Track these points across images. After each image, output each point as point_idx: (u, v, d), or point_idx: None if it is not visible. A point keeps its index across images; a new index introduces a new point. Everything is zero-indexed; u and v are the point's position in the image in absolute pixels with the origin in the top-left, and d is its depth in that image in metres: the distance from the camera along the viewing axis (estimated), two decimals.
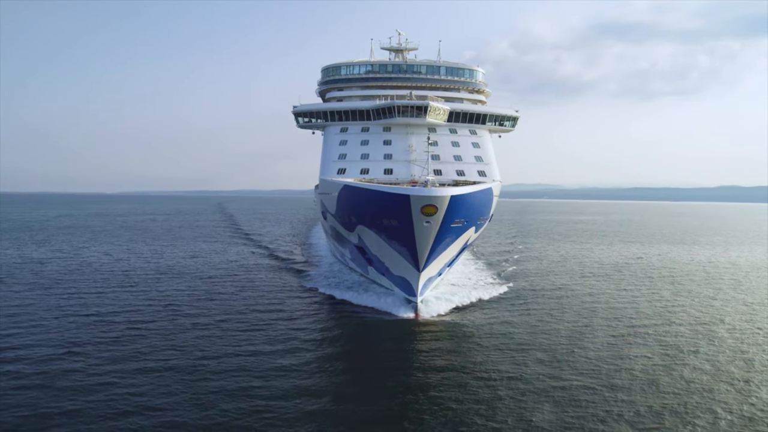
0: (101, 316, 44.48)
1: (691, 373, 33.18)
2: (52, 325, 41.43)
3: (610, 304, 52.83)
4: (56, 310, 46.06)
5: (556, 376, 32.20)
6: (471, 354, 37.05)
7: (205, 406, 27.29)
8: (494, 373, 32.77)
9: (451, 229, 45.90)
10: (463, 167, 59.87)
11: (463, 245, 54.04)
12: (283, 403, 27.77)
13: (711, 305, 52.99)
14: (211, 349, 36.31)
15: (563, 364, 34.51)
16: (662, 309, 51.01)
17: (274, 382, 30.61)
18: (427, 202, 42.02)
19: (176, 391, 29.07)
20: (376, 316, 46.38)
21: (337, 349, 38.45)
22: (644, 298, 56.16)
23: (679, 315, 48.63)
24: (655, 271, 75.62)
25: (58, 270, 66.52)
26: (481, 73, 71.77)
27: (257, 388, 29.66)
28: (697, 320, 46.79)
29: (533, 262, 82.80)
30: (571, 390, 30.08)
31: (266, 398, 28.40)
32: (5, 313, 44.85)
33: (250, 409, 27.05)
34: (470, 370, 33.34)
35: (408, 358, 35.85)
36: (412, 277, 48.44)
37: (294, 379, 31.16)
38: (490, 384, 30.97)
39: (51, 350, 35.24)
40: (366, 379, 32.57)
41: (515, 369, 33.43)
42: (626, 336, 41.43)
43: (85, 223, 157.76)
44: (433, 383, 31.17)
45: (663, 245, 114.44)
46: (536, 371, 33.04)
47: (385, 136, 62.30)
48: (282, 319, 44.82)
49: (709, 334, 42.51)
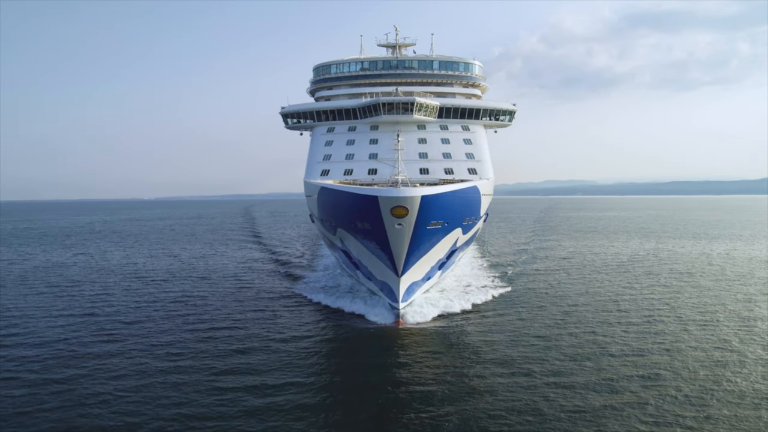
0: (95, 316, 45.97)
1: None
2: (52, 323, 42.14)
3: (607, 312, 49.03)
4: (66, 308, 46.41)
5: (539, 393, 29.36)
6: (451, 367, 34.23)
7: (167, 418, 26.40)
8: (469, 388, 30.37)
9: (429, 232, 43.30)
10: (452, 165, 57.14)
11: (452, 247, 51.34)
12: (249, 420, 26.46)
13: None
14: (182, 354, 35.70)
15: (547, 381, 31.04)
16: (670, 330, 47.21)
17: (244, 396, 29.23)
18: (397, 203, 39.62)
19: (137, 399, 28.33)
20: (359, 324, 44.04)
21: (314, 361, 35.71)
22: (650, 310, 52.19)
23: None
24: (653, 273, 71.02)
25: (79, 271, 67.07)
26: (478, 66, 68.77)
27: (226, 402, 28.36)
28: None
29: (540, 262, 79.02)
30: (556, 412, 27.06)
31: (234, 416, 26.95)
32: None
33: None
34: (448, 385, 30.88)
35: (385, 371, 33.20)
36: (393, 283, 46.08)
37: (260, 397, 29.34)
38: (463, 400, 28.65)
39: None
40: (337, 394, 30.37)
41: (492, 383, 30.91)
42: (628, 355, 35.51)
43: (118, 228, 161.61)
44: (405, 401, 28.77)
45: (676, 240, 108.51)
46: (516, 386, 30.33)
47: (372, 135, 60.14)
48: (262, 327, 43.14)
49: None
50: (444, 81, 65.56)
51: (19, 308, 50.08)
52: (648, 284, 60.19)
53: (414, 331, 42.27)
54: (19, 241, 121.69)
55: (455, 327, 43.16)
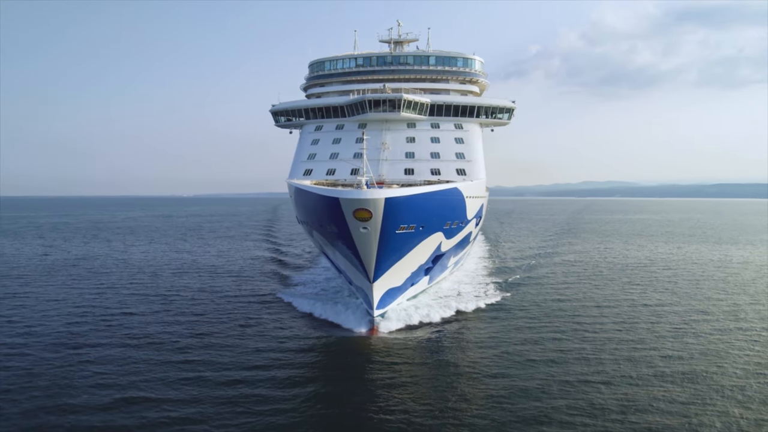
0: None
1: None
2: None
3: (606, 328, 44.76)
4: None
5: (508, 410, 26.96)
6: (421, 382, 31.75)
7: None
8: (435, 405, 28.14)
9: (399, 236, 40.60)
10: (440, 165, 54.12)
11: (435, 253, 48.45)
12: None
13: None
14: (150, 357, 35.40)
15: (527, 407, 27.99)
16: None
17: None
18: (358, 206, 37.16)
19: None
20: (335, 333, 41.62)
21: (282, 372, 33.12)
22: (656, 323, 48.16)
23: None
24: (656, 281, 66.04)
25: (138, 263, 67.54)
26: (478, 62, 65.46)
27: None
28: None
29: (543, 269, 74.66)
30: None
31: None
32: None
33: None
34: (413, 403, 28.52)
35: (352, 385, 31.20)
36: (368, 288, 43.64)
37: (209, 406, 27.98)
38: (427, 416, 26.58)
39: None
40: (290, 408, 28.14)
41: (460, 399, 28.66)
42: (616, 379, 31.86)
43: (149, 224, 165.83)
44: (364, 417, 26.87)
45: (696, 245, 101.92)
46: (485, 403, 27.94)
47: (358, 133, 57.65)
48: (233, 333, 41.33)
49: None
50: (440, 77, 62.50)
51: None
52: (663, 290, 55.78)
53: (387, 340, 39.69)
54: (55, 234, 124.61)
55: (432, 337, 40.39)
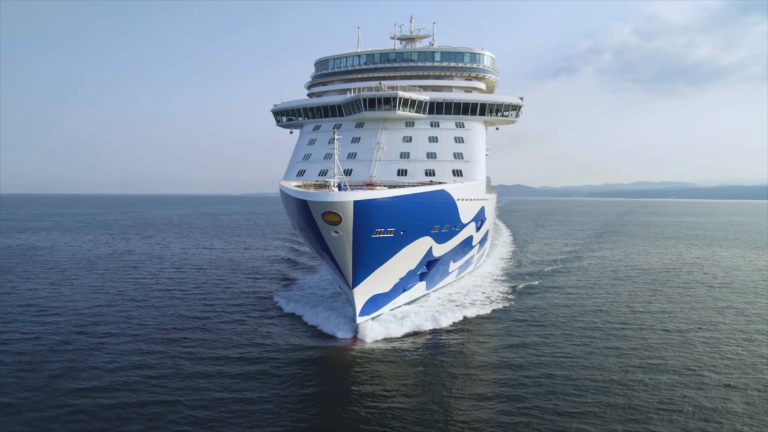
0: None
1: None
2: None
3: (617, 350, 41.12)
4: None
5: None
6: (401, 394, 30.09)
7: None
8: (410, 418, 26.84)
9: (376, 241, 38.54)
10: (435, 166, 51.52)
11: (425, 258, 46.11)
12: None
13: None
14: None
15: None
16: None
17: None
18: (326, 209, 35.44)
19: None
20: (319, 342, 39.78)
21: (259, 383, 31.81)
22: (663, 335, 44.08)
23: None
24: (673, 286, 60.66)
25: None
26: (488, 57, 62.21)
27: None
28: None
29: (560, 277, 70.53)
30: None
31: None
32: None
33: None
34: (392, 413, 27.32)
35: (329, 400, 29.69)
36: (350, 294, 41.92)
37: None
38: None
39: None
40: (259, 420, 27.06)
41: (435, 415, 27.23)
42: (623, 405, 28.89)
43: (192, 222, 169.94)
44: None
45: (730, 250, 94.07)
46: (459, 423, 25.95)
47: (355, 133, 55.89)
48: (215, 339, 40.27)
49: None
50: (444, 74, 59.67)
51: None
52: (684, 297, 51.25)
53: (367, 350, 37.74)
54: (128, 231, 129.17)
55: (419, 348, 38.18)
